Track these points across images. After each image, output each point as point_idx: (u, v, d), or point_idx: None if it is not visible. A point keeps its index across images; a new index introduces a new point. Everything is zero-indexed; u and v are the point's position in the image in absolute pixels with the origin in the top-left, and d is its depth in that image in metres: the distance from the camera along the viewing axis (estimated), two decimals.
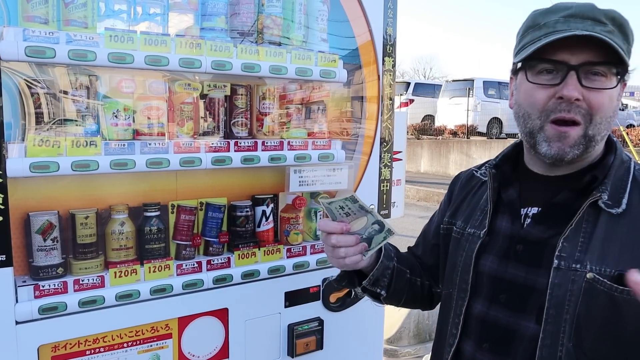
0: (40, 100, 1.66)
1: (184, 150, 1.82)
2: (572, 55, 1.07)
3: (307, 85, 2.20)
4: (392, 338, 4.00)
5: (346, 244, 1.24)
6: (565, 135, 1.09)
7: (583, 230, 1.10)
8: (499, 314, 1.18)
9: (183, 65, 1.77)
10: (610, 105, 1.10)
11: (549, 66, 1.10)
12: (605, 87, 1.08)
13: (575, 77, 1.07)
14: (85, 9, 1.65)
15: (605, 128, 1.12)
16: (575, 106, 1.08)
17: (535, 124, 1.13)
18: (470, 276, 1.24)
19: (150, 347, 1.82)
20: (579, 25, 1.07)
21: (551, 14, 1.12)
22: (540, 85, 1.11)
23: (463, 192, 1.41)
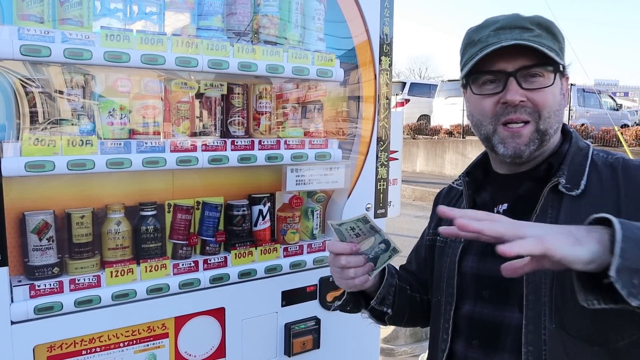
0: (35, 100, 1.65)
1: (180, 149, 1.82)
2: (508, 63, 1.17)
3: (303, 85, 2.20)
4: (388, 337, 4.00)
5: (356, 264, 1.25)
6: (518, 134, 1.18)
7: (550, 215, 1.16)
8: (484, 310, 1.23)
9: (179, 64, 1.77)
10: (555, 100, 1.19)
11: (490, 76, 1.20)
12: (544, 85, 1.17)
13: (514, 82, 1.16)
14: (81, 7, 1.64)
15: (556, 121, 1.20)
16: (520, 107, 1.17)
17: (488, 130, 1.22)
18: (455, 280, 1.30)
19: (146, 347, 1.81)
20: (508, 35, 1.16)
21: (483, 29, 1.22)
22: (486, 95, 1.21)
23: (444, 203, 1.48)
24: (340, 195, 2.25)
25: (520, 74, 1.16)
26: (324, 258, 2.17)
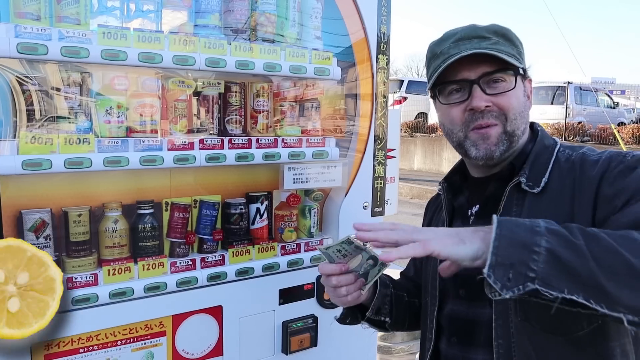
0: (32, 98, 1.65)
1: (177, 147, 1.81)
2: (470, 72, 1.22)
3: (301, 83, 2.20)
4: (385, 335, 4.01)
5: (346, 282, 1.29)
6: (487, 136, 1.23)
7: (514, 213, 1.21)
8: (460, 308, 1.29)
9: (177, 63, 1.76)
10: (519, 102, 1.24)
11: (455, 86, 1.26)
12: (507, 89, 1.22)
13: (478, 89, 1.21)
14: (78, 5, 1.64)
15: (522, 122, 1.25)
16: (487, 112, 1.22)
17: (459, 136, 1.28)
18: (437, 282, 1.35)
19: (144, 345, 1.81)
20: (468, 45, 1.22)
21: (443, 42, 1.28)
22: (453, 104, 1.27)
23: (431, 209, 1.57)
24: (338, 193, 2.25)
25: (483, 81, 1.22)
26: (321, 256, 2.16)
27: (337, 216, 2.22)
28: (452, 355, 1.30)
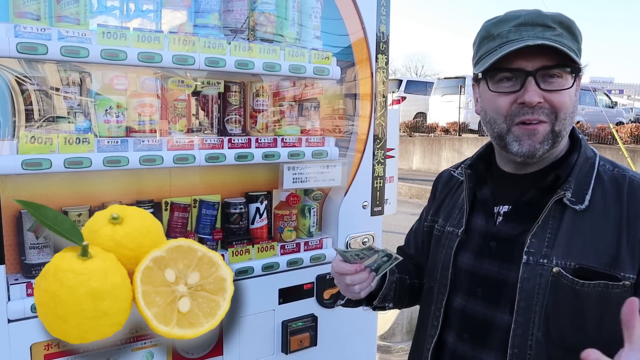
0: (31, 98, 1.65)
1: (177, 147, 1.81)
2: (528, 62, 1.13)
3: (300, 82, 2.20)
4: (385, 334, 4.02)
5: (360, 281, 1.28)
6: (534, 132, 1.15)
7: (550, 226, 1.16)
8: (476, 307, 1.26)
9: (176, 62, 1.76)
10: (571, 102, 1.16)
11: (508, 74, 1.16)
12: (563, 87, 1.14)
13: (533, 83, 1.13)
14: (78, 5, 1.64)
15: (569, 123, 1.18)
16: (537, 108, 1.14)
17: (502, 128, 1.19)
18: (449, 272, 1.31)
19: (144, 345, 1.81)
20: (530, 32, 1.13)
21: (503, 23, 1.18)
22: (502, 93, 1.18)
23: (444, 190, 1.48)
24: (337, 193, 2.26)
25: (540, 74, 1.13)
26: (321, 256, 2.17)
27: (336, 216, 2.22)
28: (462, 352, 1.27)
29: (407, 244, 1.61)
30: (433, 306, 1.35)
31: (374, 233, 2.30)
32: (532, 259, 1.15)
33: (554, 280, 1.12)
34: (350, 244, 2.23)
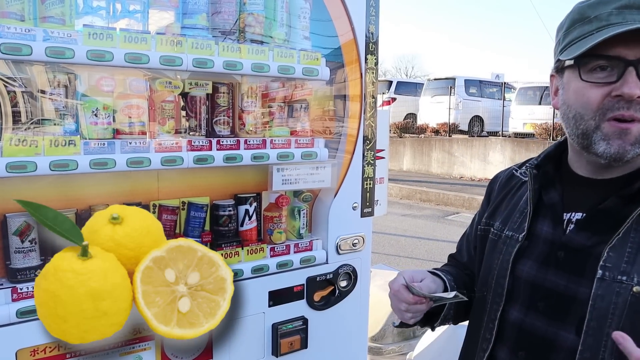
0: (16, 99, 1.62)
1: (165, 149, 1.80)
2: (629, 50, 0.99)
3: (289, 84, 2.20)
4: (376, 336, 4.01)
5: (415, 311, 1.22)
6: (626, 132, 1.01)
7: (631, 239, 1.04)
8: (536, 322, 1.13)
9: (164, 63, 1.75)
10: None
11: (604, 62, 1.02)
12: None
13: (634, 74, 0.99)
14: (63, 5, 1.62)
15: None
16: (635, 103, 1.00)
17: (589, 125, 1.05)
18: (506, 281, 1.19)
19: (132, 349, 1.79)
20: (636, 16, 0.99)
21: (602, 5, 1.03)
22: (594, 83, 1.03)
23: (502, 192, 1.35)
24: (327, 194, 2.25)
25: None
26: (310, 257, 2.16)
27: (326, 217, 2.21)
28: None
29: (459, 251, 1.49)
30: (486, 317, 1.23)
31: (365, 234, 2.29)
32: (609, 274, 1.02)
33: (633, 301, 1.00)
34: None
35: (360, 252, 2.28)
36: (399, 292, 1.21)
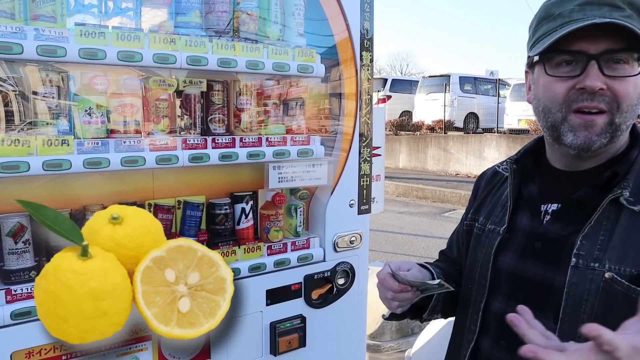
0: (8, 99, 1.60)
1: (160, 147, 1.78)
2: (591, 45, 1.04)
3: (284, 81, 2.18)
4: (374, 333, 4.00)
5: (402, 299, 1.22)
6: (591, 124, 1.06)
7: (603, 227, 1.07)
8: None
9: (157, 61, 1.73)
10: (635, 93, 1.06)
11: (568, 57, 1.07)
12: (629, 74, 1.04)
13: (596, 67, 1.03)
14: (54, 3, 1.60)
15: (631, 117, 1.08)
16: (598, 95, 1.04)
17: (557, 117, 1.10)
18: (489, 273, 1.23)
19: (129, 350, 1.78)
20: (596, 12, 1.03)
21: (565, 2, 1.08)
22: (559, 77, 1.08)
23: (487, 188, 1.40)
24: (324, 192, 2.24)
25: (604, 58, 1.03)
26: (308, 255, 2.15)
27: (323, 215, 2.20)
28: (497, 358, 1.18)
29: (449, 247, 1.52)
30: (470, 309, 1.27)
31: (362, 232, 2.28)
32: (582, 262, 1.06)
33: (605, 287, 1.03)
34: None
35: (357, 250, 2.27)
36: (384, 280, 1.23)
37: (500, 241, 1.23)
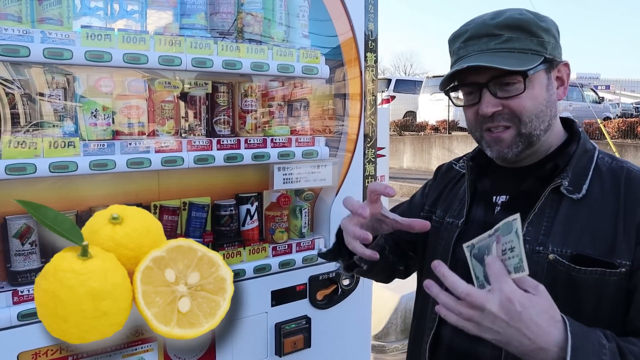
0: (15, 101, 1.61)
1: (165, 149, 1.79)
2: (479, 75, 1.16)
3: (289, 82, 2.19)
4: (379, 334, 4.01)
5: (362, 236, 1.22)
6: (499, 139, 1.19)
7: (547, 214, 1.17)
8: None
9: (163, 63, 1.74)
10: (535, 102, 1.16)
11: (468, 88, 1.21)
12: (518, 92, 1.15)
13: (488, 93, 1.16)
14: (60, 6, 1.61)
15: (542, 121, 1.18)
16: (497, 116, 1.17)
17: (476, 136, 1.25)
18: (448, 263, 1.29)
19: (134, 351, 1.78)
20: (475, 47, 1.17)
21: (456, 39, 1.23)
22: (467, 106, 1.23)
23: (442, 182, 1.50)
24: (328, 192, 2.24)
25: (494, 83, 1.16)
26: (313, 257, 2.15)
27: (328, 216, 2.20)
28: (458, 344, 1.26)
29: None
30: (431, 298, 1.28)
31: None
32: (529, 246, 1.14)
33: (549, 268, 1.13)
34: None
35: None
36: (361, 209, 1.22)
37: (459, 233, 1.31)
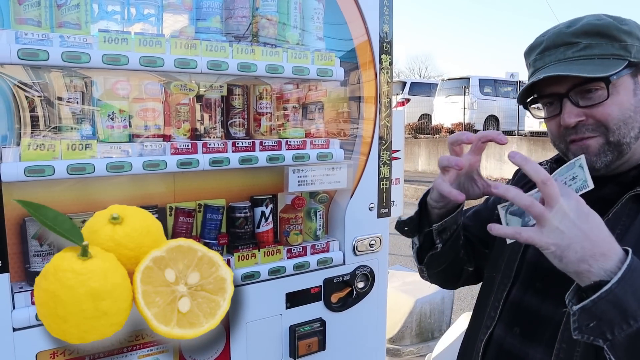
0: (34, 104, 1.64)
1: (181, 151, 1.80)
2: (559, 86, 1.13)
3: (304, 85, 2.19)
4: (394, 337, 3.98)
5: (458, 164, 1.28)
6: (586, 147, 1.13)
7: (622, 223, 1.10)
8: (532, 300, 1.21)
9: (178, 66, 1.75)
10: (622, 108, 1.10)
11: (547, 100, 1.19)
12: (603, 99, 1.09)
13: (569, 103, 1.12)
14: (78, 10, 1.63)
15: (630, 129, 1.11)
16: (580, 126, 1.12)
17: (561, 148, 1.21)
18: (516, 263, 1.27)
19: (150, 352, 1.79)
20: (552, 57, 1.14)
21: (531, 52, 1.21)
22: (549, 118, 1.20)
23: (520, 183, 1.45)
24: (343, 195, 2.24)
25: (575, 92, 1.11)
26: (327, 259, 2.15)
27: (343, 218, 2.20)
28: (509, 345, 1.23)
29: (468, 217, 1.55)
30: (492, 297, 1.31)
31: (381, 235, 2.27)
32: None
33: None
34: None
35: (377, 253, 2.27)
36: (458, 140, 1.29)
37: None
